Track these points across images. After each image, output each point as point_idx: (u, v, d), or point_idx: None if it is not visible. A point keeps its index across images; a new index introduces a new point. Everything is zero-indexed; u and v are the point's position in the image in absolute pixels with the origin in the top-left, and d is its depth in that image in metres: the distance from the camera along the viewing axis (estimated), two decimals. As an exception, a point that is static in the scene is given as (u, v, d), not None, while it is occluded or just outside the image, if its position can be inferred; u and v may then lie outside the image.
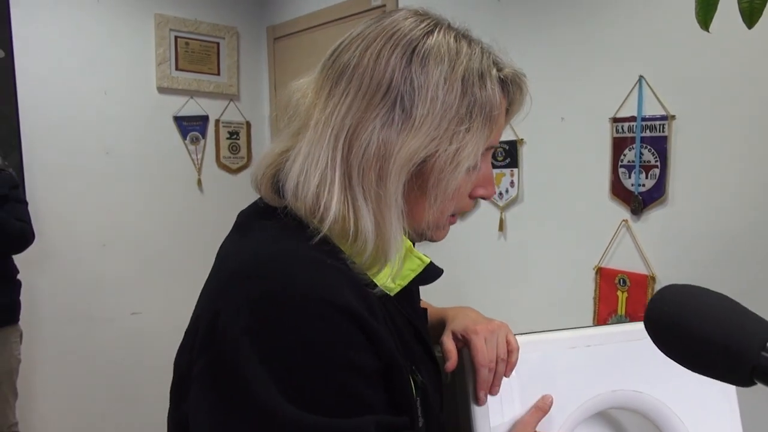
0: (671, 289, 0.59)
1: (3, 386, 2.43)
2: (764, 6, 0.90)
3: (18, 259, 2.52)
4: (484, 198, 0.75)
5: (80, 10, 2.96)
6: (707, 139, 1.70)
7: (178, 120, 3.24)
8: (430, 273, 0.72)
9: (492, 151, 0.73)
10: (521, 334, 0.89)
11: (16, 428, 2.53)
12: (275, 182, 0.67)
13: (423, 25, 0.67)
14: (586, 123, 1.98)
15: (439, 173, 0.64)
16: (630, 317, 1.89)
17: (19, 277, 2.53)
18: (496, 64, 0.69)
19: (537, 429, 0.83)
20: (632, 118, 1.84)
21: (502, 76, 0.69)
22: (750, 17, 0.90)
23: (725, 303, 0.57)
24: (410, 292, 0.80)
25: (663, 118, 1.77)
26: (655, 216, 1.82)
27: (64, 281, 2.94)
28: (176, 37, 3.23)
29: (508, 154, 2.22)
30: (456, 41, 0.66)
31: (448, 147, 0.63)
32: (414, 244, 0.77)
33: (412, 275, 0.69)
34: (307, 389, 0.55)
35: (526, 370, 0.87)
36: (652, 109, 1.80)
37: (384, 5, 2.70)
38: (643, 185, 1.83)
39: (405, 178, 0.63)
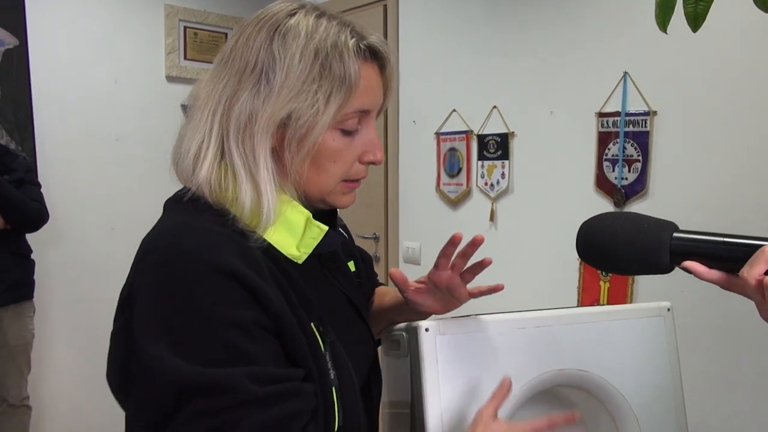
0: (589, 221, 0.78)
1: (18, 359, 2.57)
2: (707, 10, 0.95)
3: (31, 239, 2.64)
4: (373, 163, 0.81)
5: (93, 0, 3.05)
6: (687, 135, 1.75)
7: (186, 108, 3.31)
8: (331, 240, 0.80)
9: (370, 116, 0.79)
10: (466, 316, 0.95)
11: (28, 401, 2.65)
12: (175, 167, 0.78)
13: (287, 9, 0.76)
14: (573, 117, 2.03)
15: (298, 128, 0.72)
16: (611, 307, 1.94)
17: (32, 256, 2.66)
18: (357, 35, 0.76)
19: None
20: (617, 113, 1.89)
21: (362, 44, 0.76)
22: (695, 21, 0.95)
23: (633, 215, 0.76)
24: (339, 264, 0.90)
25: (645, 113, 1.82)
26: (636, 208, 1.87)
27: (74, 262, 3.05)
28: (185, 27, 3.32)
29: (500, 146, 2.27)
30: (316, 19, 0.75)
31: (302, 104, 0.71)
32: (337, 214, 0.90)
33: (314, 243, 0.77)
34: (189, 342, 0.63)
35: (474, 351, 0.94)
36: (635, 105, 1.85)
37: (385, -2, 2.75)
38: (626, 179, 1.88)
39: (270, 137, 0.72)
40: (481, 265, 0.94)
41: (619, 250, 0.73)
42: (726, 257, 0.66)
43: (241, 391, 0.62)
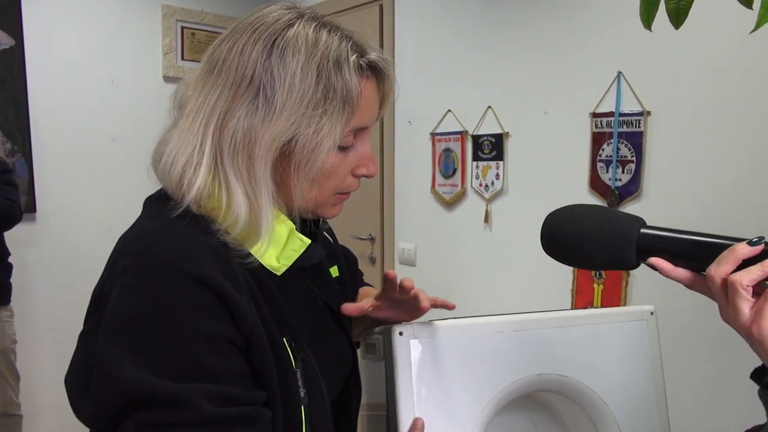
0: (554, 213, 0.75)
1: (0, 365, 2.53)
2: (689, 7, 0.93)
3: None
4: (366, 176, 0.79)
5: (90, 0, 3.05)
6: (681, 135, 1.72)
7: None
8: (312, 253, 0.77)
9: (366, 132, 0.77)
10: (443, 319, 0.93)
11: (18, 410, 2.60)
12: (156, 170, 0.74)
13: (284, 18, 0.72)
14: (567, 117, 2.01)
15: (302, 154, 0.70)
16: (604, 309, 1.92)
17: (9, 259, 2.62)
18: (358, 50, 0.73)
19: None
20: (611, 114, 1.87)
21: (363, 62, 0.73)
22: (677, 17, 0.93)
23: (600, 208, 0.73)
24: (321, 272, 0.87)
25: (639, 114, 1.79)
26: (630, 209, 1.85)
27: (71, 264, 3.04)
28: (183, 28, 3.31)
29: (495, 147, 2.25)
30: (315, 31, 0.71)
31: (306, 130, 0.68)
32: (320, 222, 0.87)
33: (296, 255, 0.74)
34: (152, 351, 0.60)
35: (449, 355, 0.92)
36: (629, 105, 1.82)
37: (381, -2, 2.74)
38: (620, 180, 1.86)
39: (271, 160, 0.69)
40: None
41: (584, 244, 0.71)
42: (693, 255, 0.64)
43: (193, 409, 0.59)
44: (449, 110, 2.44)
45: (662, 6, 1.07)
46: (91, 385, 0.62)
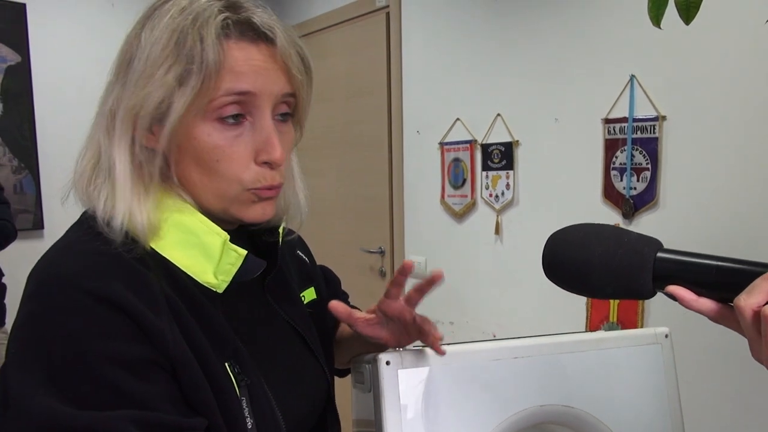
0: (558, 233, 0.66)
1: None
2: (701, 1, 0.85)
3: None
4: (269, 164, 0.68)
5: (95, 15, 3.04)
6: (698, 141, 1.63)
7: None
8: (252, 266, 0.70)
9: (258, 103, 0.67)
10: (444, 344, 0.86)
11: None
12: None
13: None
14: (579, 124, 1.92)
15: (156, 119, 0.64)
16: (622, 324, 1.83)
17: (2, 280, 2.56)
18: (231, 9, 0.66)
19: None
20: (624, 119, 1.78)
21: (233, 20, 0.65)
22: (687, 12, 0.86)
23: (610, 228, 0.64)
24: (284, 291, 0.80)
25: (654, 119, 1.70)
26: (646, 220, 1.75)
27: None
28: (190, 41, 3.28)
29: (504, 156, 2.17)
30: (190, 2, 0.65)
31: (155, 93, 0.62)
32: (279, 235, 0.79)
33: (233, 269, 0.68)
34: (63, 380, 0.54)
35: (442, 386, 0.84)
36: (643, 110, 1.73)
37: (388, 6, 2.68)
38: (635, 188, 1.77)
39: (128, 129, 0.64)
40: (430, 282, 0.76)
41: (592, 269, 0.62)
42: (719, 284, 0.56)
43: None
44: (458, 119, 2.36)
45: (672, 3, 0.99)
46: (4, 422, 0.55)
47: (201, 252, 0.66)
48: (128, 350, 0.56)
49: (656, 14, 0.98)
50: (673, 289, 0.58)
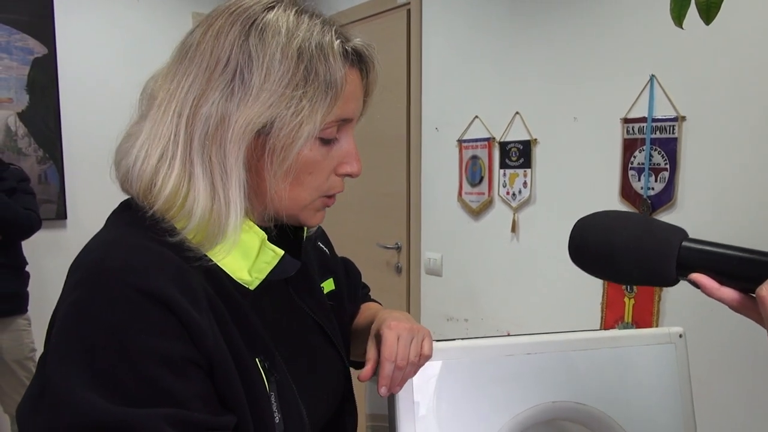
0: (586, 218, 0.68)
1: (19, 373, 2.55)
2: (721, 1, 0.85)
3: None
4: (350, 175, 0.73)
5: (121, 10, 3.09)
6: (717, 142, 1.62)
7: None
8: (287, 265, 0.71)
9: (350, 125, 0.72)
10: (451, 339, 0.87)
11: None
12: (119, 168, 0.68)
13: (263, 2, 0.67)
14: (597, 123, 1.92)
15: (278, 138, 0.64)
16: (636, 324, 1.82)
17: (27, 268, 2.62)
18: (340, 36, 0.68)
19: None
20: (643, 119, 1.77)
21: (347, 47, 0.68)
22: (707, 12, 0.86)
23: (638, 216, 0.66)
24: (308, 285, 0.82)
25: (673, 119, 1.70)
26: (663, 220, 1.75)
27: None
28: (212, 35, 3.32)
29: (522, 154, 2.17)
30: (296, 16, 0.67)
31: (285, 111, 0.63)
32: (303, 232, 0.79)
33: (268, 268, 0.69)
34: (103, 373, 0.55)
35: (455, 380, 0.85)
36: (662, 110, 1.73)
37: (408, 3, 2.69)
38: (653, 188, 1.76)
39: (244, 146, 0.64)
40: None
41: (618, 254, 0.63)
42: (742, 274, 0.57)
43: None
44: (476, 116, 2.37)
45: (693, 2, 0.99)
46: (41, 409, 0.57)
47: (238, 249, 0.67)
48: (170, 347, 0.57)
49: (678, 14, 0.98)
50: (696, 276, 0.59)
